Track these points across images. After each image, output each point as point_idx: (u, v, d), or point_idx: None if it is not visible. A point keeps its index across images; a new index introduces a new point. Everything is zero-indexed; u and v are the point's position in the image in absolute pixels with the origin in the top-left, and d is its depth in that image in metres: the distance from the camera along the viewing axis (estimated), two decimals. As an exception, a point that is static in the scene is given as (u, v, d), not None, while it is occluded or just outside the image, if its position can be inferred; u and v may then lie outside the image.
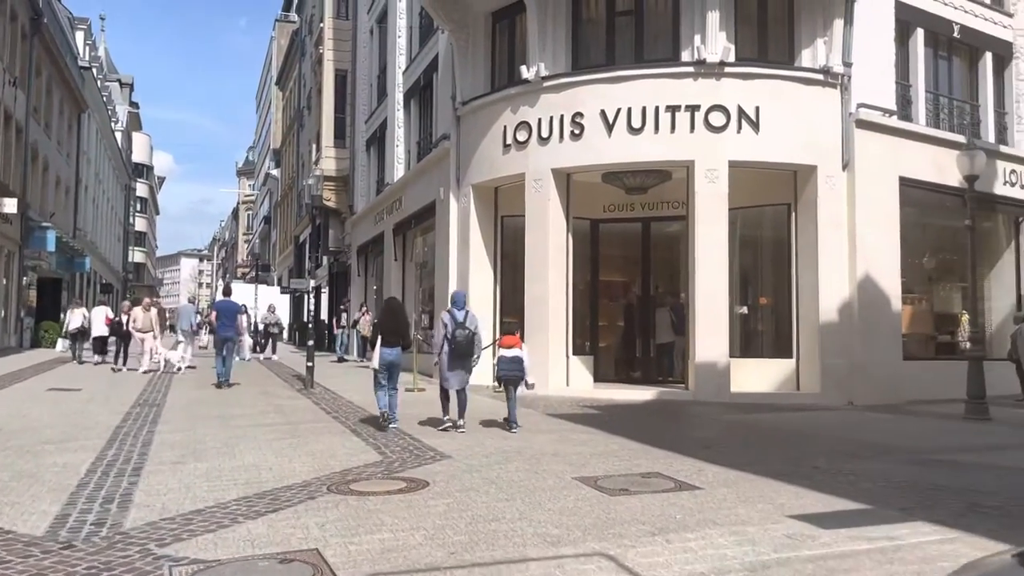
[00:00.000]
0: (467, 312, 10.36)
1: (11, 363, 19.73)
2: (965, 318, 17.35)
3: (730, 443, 9.89)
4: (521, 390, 10.88)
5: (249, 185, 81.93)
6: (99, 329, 20.24)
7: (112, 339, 20.17)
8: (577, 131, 14.82)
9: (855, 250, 14.79)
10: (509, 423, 10.28)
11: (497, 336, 13.11)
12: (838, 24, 14.84)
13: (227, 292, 17.38)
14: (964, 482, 7.33)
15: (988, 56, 18.69)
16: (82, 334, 20.58)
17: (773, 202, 15.86)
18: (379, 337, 10.56)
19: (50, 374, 17.71)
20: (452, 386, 10.17)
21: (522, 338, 12.01)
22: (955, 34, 17.85)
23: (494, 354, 11.67)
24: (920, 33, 17.20)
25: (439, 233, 18.76)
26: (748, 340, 16.28)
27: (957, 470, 8.10)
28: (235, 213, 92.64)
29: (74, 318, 21.17)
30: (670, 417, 12.87)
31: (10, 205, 21.78)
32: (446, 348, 10.13)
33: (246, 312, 22.52)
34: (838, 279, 14.75)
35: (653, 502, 6.12)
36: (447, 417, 10.31)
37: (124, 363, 18.57)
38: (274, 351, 24.50)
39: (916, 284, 17.19)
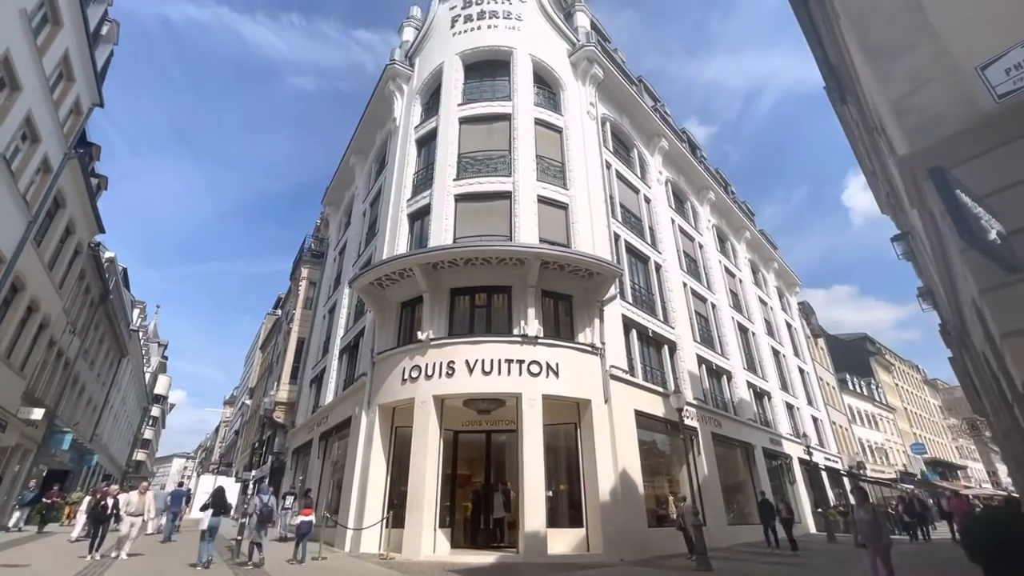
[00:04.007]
0: (270, 496, 14.59)
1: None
2: (671, 499, 20.00)
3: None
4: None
5: (230, 411, 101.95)
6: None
7: (86, 522, 17.40)
8: (451, 372, 17.56)
9: (616, 453, 17.20)
10: (301, 560, 14.34)
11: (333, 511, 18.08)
12: (597, 321, 19.24)
13: (179, 484, 20.88)
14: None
15: (667, 346, 23.84)
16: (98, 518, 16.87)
17: (566, 421, 18.04)
18: (209, 509, 14.14)
19: (15, 550, 15.83)
20: (257, 540, 14.10)
21: (313, 508, 16.64)
22: (650, 334, 22.87)
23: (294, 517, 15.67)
24: (635, 331, 21.95)
25: (351, 438, 20.14)
26: (554, 515, 16.89)
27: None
28: (216, 428, 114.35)
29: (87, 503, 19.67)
30: (516, 579, 12.66)
31: (37, 413, 24.24)
32: (255, 517, 14.12)
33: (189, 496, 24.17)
34: (607, 472, 16.84)
35: None
36: (251, 561, 13.77)
37: (99, 549, 15.11)
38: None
39: (645, 477, 18.56)
